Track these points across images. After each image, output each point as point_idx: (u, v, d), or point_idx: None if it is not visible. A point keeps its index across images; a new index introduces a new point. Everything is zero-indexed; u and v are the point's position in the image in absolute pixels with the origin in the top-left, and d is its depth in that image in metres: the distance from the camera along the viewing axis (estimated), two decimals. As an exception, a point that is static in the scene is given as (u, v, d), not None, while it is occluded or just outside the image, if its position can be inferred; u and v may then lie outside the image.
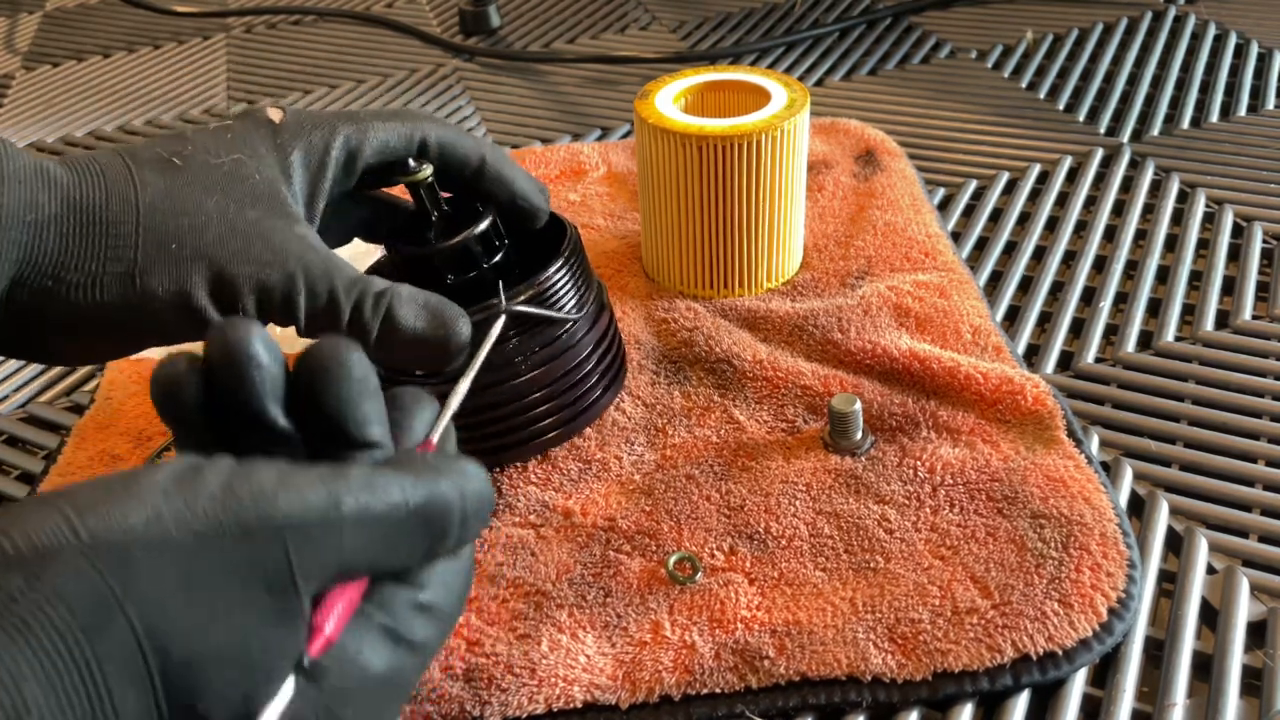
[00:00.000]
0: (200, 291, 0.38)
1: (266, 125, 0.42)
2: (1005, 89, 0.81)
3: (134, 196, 0.38)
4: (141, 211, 0.38)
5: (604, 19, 1.00)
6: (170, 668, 0.25)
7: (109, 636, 0.24)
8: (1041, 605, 0.40)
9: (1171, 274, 0.59)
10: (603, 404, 0.49)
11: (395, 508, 0.28)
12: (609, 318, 0.50)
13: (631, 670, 0.39)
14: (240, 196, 0.40)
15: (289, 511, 0.26)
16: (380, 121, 0.43)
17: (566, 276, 0.46)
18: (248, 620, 0.26)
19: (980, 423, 0.48)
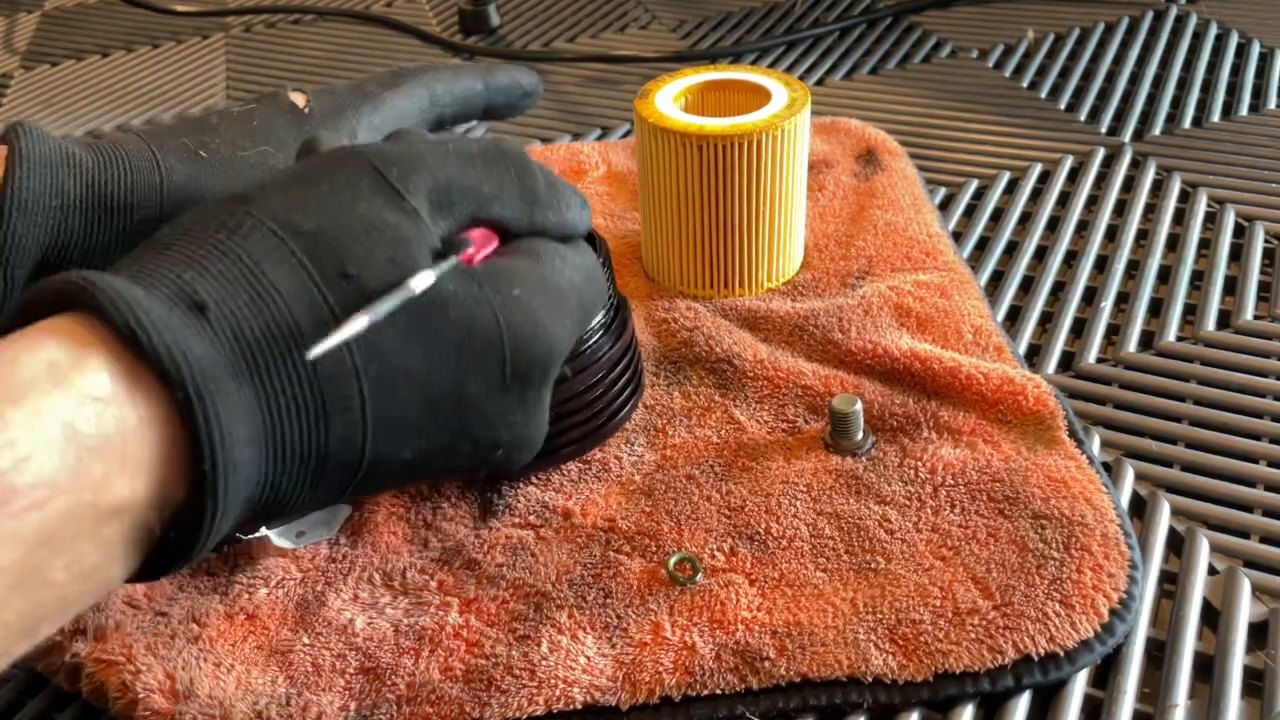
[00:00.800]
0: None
1: (291, 113, 0.43)
2: (1006, 88, 0.81)
3: (159, 182, 0.39)
4: (166, 197, 0.39)
5: (604, 18, 0.99)
6: (305, 242, 0.30)
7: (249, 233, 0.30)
8: (1043, 606, 0.40)
9: (1173, 274, 0.59)
10: (622, 418, 0.49)
11: (464, 143, 0.34)
12: (630, 335, 0.49)
13: (631, 671, 0.39)
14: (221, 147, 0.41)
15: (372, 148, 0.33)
16: (392, 91, 0.44)
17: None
18: (359, 208, 0.31)
19: (981, 423, 0.48)
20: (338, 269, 0.30)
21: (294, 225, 0.30)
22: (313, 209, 0.31)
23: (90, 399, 0.26)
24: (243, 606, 0.43)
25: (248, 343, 0.29)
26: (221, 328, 0.29)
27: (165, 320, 0.27)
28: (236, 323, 0.29)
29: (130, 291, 0.27)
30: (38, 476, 0.24)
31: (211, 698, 0.40)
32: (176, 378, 0.27)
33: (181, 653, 0.41)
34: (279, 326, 0.29)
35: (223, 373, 0.28)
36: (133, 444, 0.26)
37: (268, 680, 0.40)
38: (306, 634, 0.42)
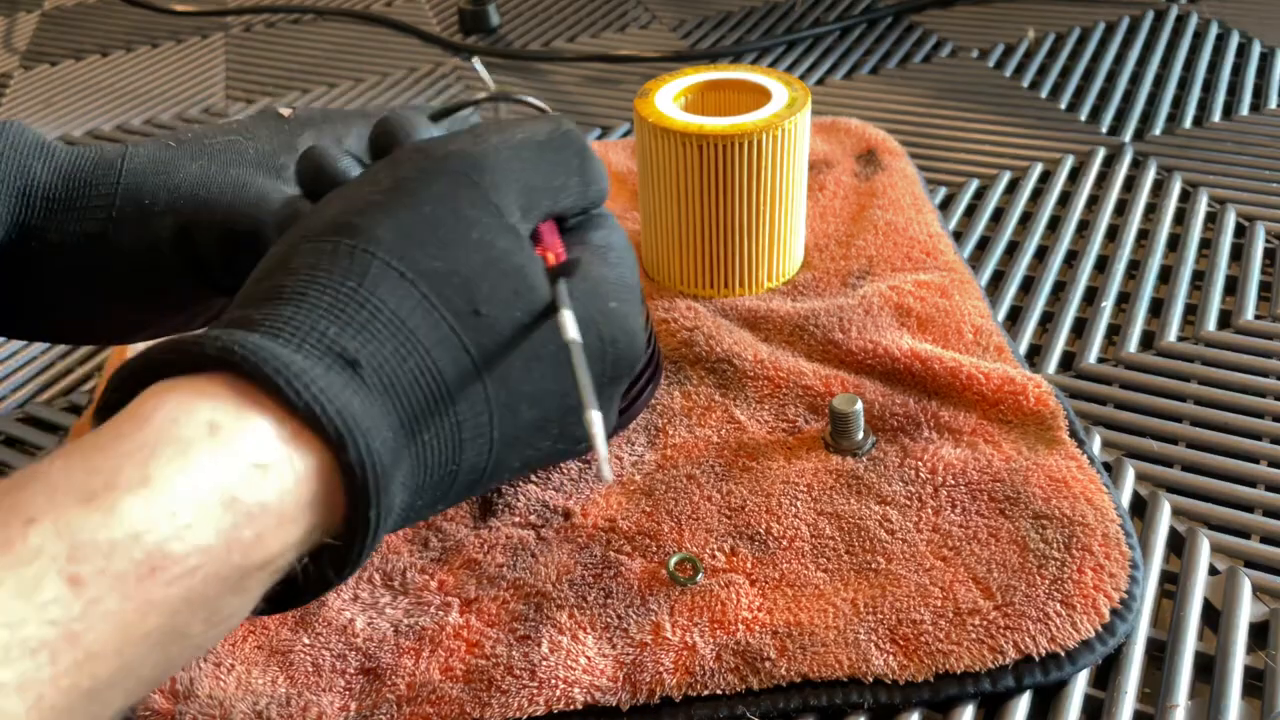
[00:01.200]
0: (164, 242, 0.39)
1: (275, 118, 0.43)
2: (1007, 88, 0.81)
3: (120, 164, 0.40)
4: (123, 175, 0.40)
5: (604, 18, 0.99)
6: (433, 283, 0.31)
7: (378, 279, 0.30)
8: (1044, 606, 0.40)
9: (1174, 274, 0.59)
10: (640, 405, 0.49)
11: (532, 134, 0.36)
12: (650, 331, 0.49)
13: (632, 672, 0.39)
14: (226, 161, 0.41)
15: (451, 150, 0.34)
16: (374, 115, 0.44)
17: None
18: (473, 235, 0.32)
19: (982, 423, 0.48)
20: (469, 309, 0.31)
21: (418, 265, 0.31)
22: (429, 241, 0.32)
23: (253, 466, 0.26)
24: (243, 607, 0.43)
25: (399, 394, 0.30)
26: (374, 383, 0.29)
27: (325, 383, 0.28)
28: (387, 376, 0.30)
29: (284, 355, 0.28)
30: (194, 545, 0.25)
31: (211, 698, 0.39)
32: (344, 441, 0.27)
33: (181, 653, 0.41)
34: (426, 376, 0.30)
35: (381, 426, 0.29)
36: (289, 505, 0.27)
37: (268, 680, 0.40)
38: (306, 634, 0.42)
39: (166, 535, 0.24)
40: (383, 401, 0.29)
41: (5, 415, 0.58)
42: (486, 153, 0.34)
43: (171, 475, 0.25)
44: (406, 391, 0.30)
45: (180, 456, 0.25)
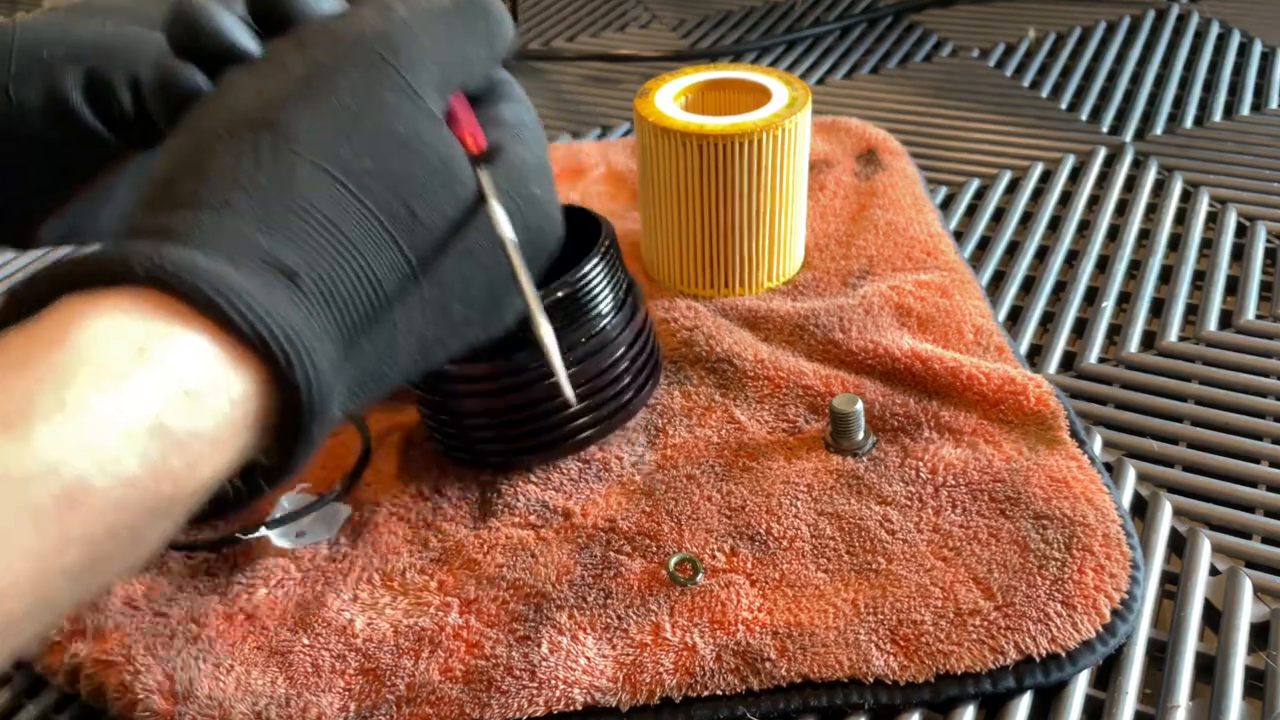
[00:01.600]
0: (74, 92, 0.38)
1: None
2: (1007, 88, 0.81)
3: (12, 28, 0.39)
4: (16, 35, 0.39)
5: (604, 17, 0.99)
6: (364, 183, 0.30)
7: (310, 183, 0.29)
8: (1044, 606, 0.40)
9: (1174, 274, 0.59)
10: (638, 403, 0.49)
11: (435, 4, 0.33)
12: (644, 316, 0.49)
13: (632, 672, 0.39)
14: (121, 19, 0.40)
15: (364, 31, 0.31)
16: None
17: (603, 272, 0.46)
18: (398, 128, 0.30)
19: (982, 423, 0.48)
20: (404, 210, 0.30)
21: (347, 165, 0.30)
22: (355, 137, 0.30)
23: (184, 392, 0.24)
24: (242, 607, 0.43)
25: (339, 306, 0.28)
26: (314, 295, 0.28)
27: (267, 300, 0.26)
28: (327, 287, 0.28)
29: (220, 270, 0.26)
30: (117, 478, 0.23)
31: (211, 698, 0.39)
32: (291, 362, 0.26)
33: (181, 653, 0.41)
34: (366, 285, 0.29)
35: (324, 341, 0.28)
36: (224, 430, 0.26)
37: (267, 681, 0.40)
38: (306, 634, 0.42)
39: (86, 468, 0.22)
40: (324, 314, 0.28)
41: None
42: (397, 28, 0.32)
43: (93, 402, 0.23)
44: (347, 302, 0.28)
45: (103, 381, 0.23)
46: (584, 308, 0.45)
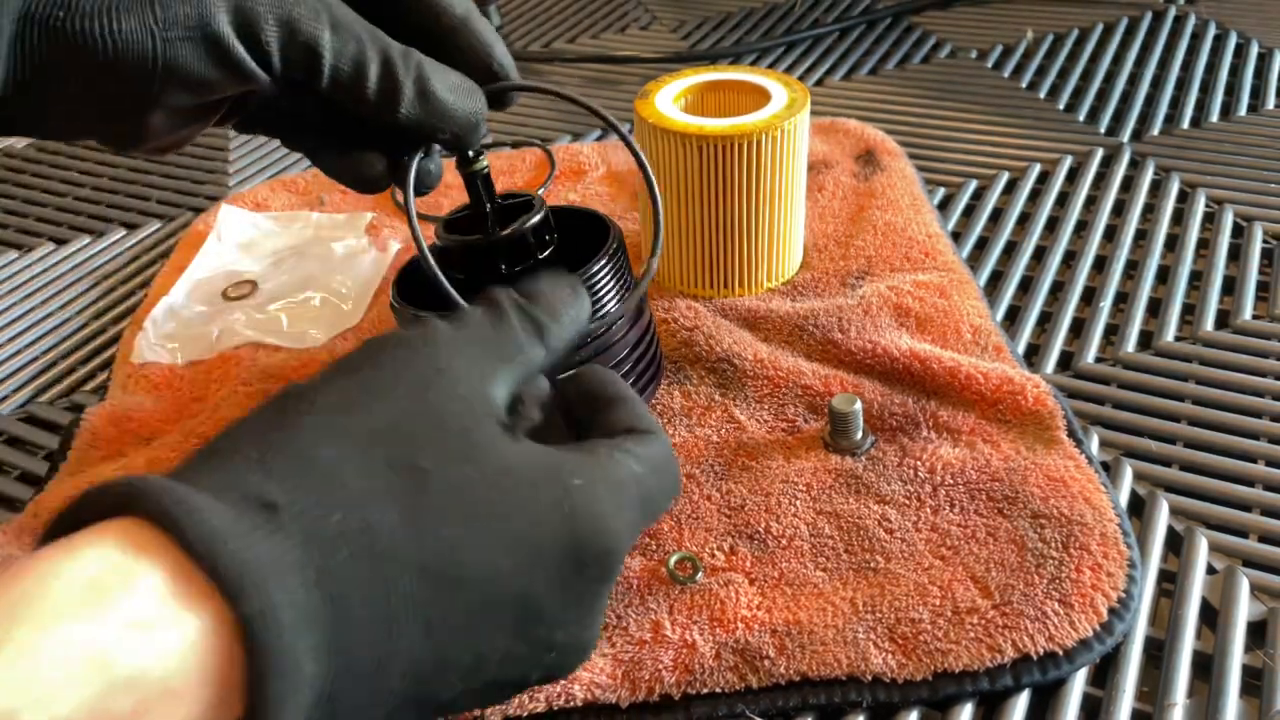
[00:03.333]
0: (222, 18, 0.35)
1: None
2: (1005, 89, 0.81)
3: None
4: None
5: (604, 19, 1.00)
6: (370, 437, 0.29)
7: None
8: (1042, 605, 0.40)
9: (1171, 274, 0.59)
10: (645, 399, 0.49)
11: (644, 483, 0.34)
12: (649, 319, 0.49)
13: (631, 669, 0.39)
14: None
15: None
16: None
17: (610, 272, 0.46)
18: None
19: (980, 423, 0.48)
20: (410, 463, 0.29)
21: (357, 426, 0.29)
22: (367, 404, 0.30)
23: (129, 625, 0.23)
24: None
25: (320, 541, 0.26)
26: (292, 528, 0.26)
27: (229, 523, 0.25)
28: (309, 522, 0.26)
29: (183, 491, 0.25)
30: (52, 716, 0.22)
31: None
32: (241, 589, 0.24)
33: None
34: (353, 524, 0.27)
35: (291, 579, 0.25)
36: (176, 673, 0.23)
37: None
38: (307, 633, 0.42)
39: (17, 707, 0.21)
40: (301, 552, 0.26)
41: (5, 415, 0.58)
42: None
43: (33, 639, 0.22)
44: (329, 542, 0.26)
45: (47, 616, 0.22)
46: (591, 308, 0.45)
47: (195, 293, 0.63)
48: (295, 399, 0.29)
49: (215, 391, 0.55)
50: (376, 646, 0.27)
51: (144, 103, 0.35)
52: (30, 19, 0.34)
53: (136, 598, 0.23)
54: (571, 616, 0.31)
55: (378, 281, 0.63)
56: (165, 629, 0.23)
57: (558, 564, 0.30)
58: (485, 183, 0.45)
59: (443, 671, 0.28)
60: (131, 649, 0.23)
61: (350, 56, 0.37)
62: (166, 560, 0.24)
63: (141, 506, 0.25)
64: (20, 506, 0.50)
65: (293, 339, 0.59)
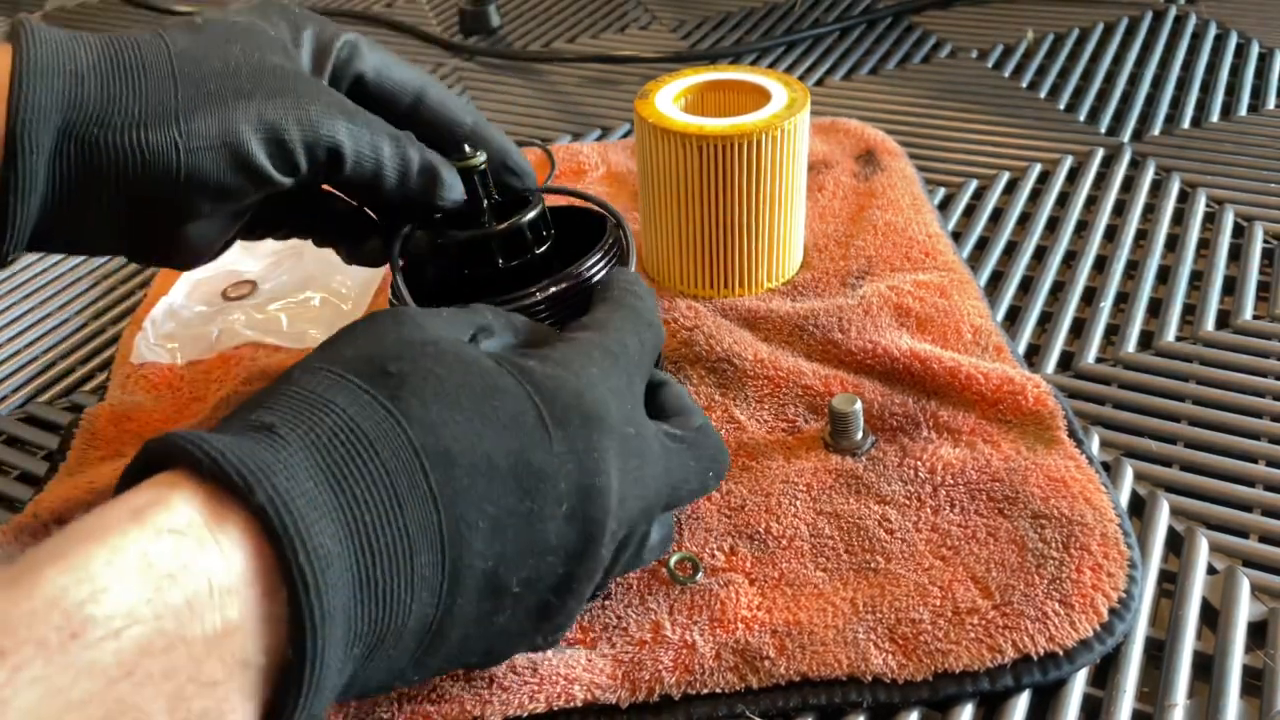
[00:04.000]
0: (246, 130, 0.38)
1: (280, 3, 0.44)
2: (1006, 89, 0.81)
3: (165, 48, 0.39)
4: (174, 57, 0.39)
5: (604, 18, 0.99)
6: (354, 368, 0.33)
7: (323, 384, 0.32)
8: (1042, 605, 0.40)
9: (1172, 274, 0.59)
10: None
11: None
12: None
13: (631, 670, 0.39)
14: (260, 46, 0.41)
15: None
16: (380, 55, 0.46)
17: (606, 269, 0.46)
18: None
19: (981, 423, 0.48)
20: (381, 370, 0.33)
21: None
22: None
23: (168, 532, 0.26)
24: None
25: (317, 446, 0.30)
26: (291, 438, 0.29)
27: (234, 443, 0.28)
28: (304, 432, 0.30)
29: (199, 434, 0.29)
30: (113, 607, 0.25)
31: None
32: (248, 483, 0.27)
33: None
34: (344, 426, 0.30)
35: (297, 473, 0.29)
36: (219, 571, 0.27)
37: (268, 679, 0.40)
38: (307, 633, 0.42)
39: (82, 599, 0.24)
40: (301, 453, 0.29)
41: (5, 415, 0.58)
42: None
43: (88, 548, 0.25)
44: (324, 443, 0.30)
45: (100, 534, 0.26)
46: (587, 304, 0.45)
47: (195, 293, 0.63)
48: (287, 370, 0.34)
49: (215, 391, 0.55)
50: (390, 521, 0.30)
51: (173, 211, 0.39)
52: (68, 134, 0.37)
53: (171, 513, 0.27)
54: (571, 466, 0.34)
55: (377, 281, 0.63)
56: (197, 533, 0.27)
57: (534, 424, 0.33)
58: (482, 178, 0.45)
59: (462, 536, 0.31)
60: (169, 550, 0.26)
61: (368, 144, 0.41)
62: (192, 488, 0.28)
63: (167, 457, 0.28)
64: (20, 506, 0.50)
65: (292, 339, 0.59)
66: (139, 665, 0.25)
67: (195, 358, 0.58)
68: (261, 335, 0.59)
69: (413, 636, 0.31)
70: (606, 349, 0.38)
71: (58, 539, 0.26)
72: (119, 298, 0.67)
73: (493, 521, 0.32)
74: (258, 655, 0.27)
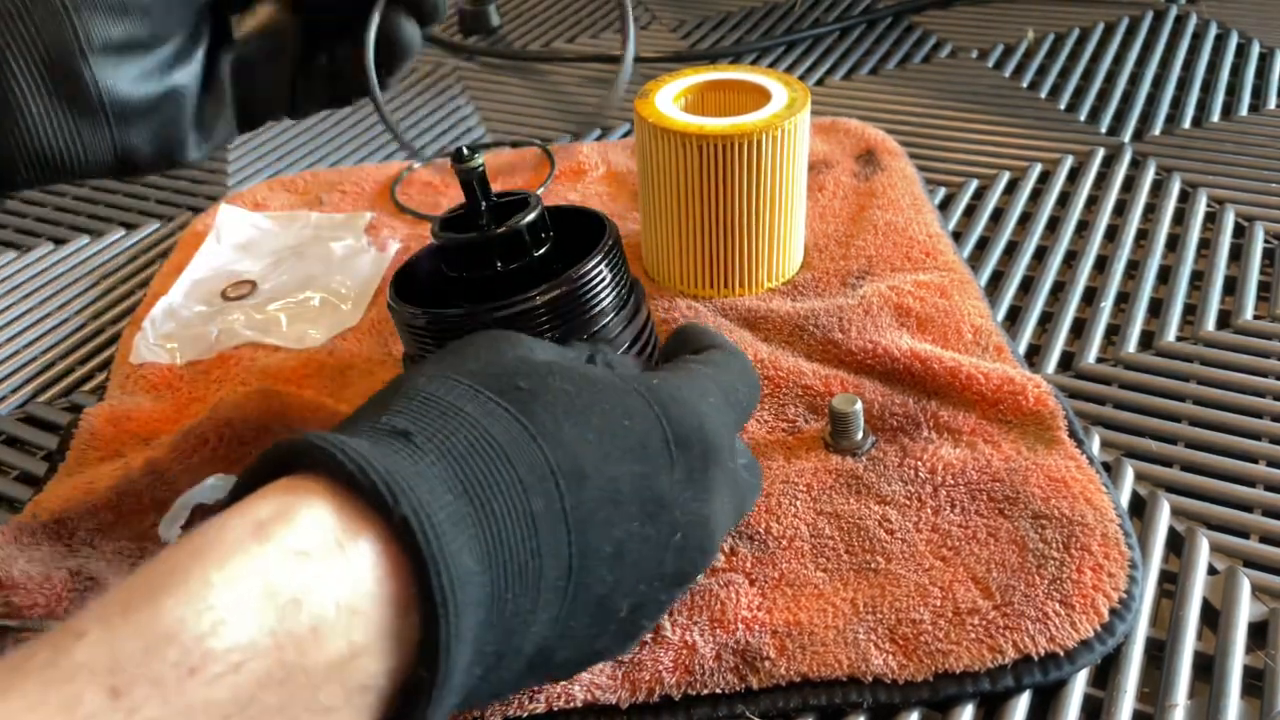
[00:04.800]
0: None
1: None
2: (1006, 88, 0.81)
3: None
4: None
5: (604, 18, 0.99)
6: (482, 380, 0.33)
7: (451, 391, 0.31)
8: (1043, 606, 0.40)
9: (1173, 274, 0.59)
10: None
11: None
12: (646, 317, 0.49)
13: (631, 670, 0.39)
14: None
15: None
16: None
17: (606, 270, 0.46)
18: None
19: (981, 423, 0.48)
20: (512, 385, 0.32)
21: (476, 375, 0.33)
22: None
23: (293, 554, 0.25)
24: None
25: (455, 456, 0.29)
26: (427, 448, 0.28)
27: (374, 450, 0.27)
28: (440, 441, 0.29)
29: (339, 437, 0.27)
30: (234, 640, 0.23)
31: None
32: (393, 494, 0.26)
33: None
34: (480, 438, 0.29)
35: (437, 486, 0.27)
36: (346, 592, 0.25)
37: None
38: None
39: (202, 632, 0.23)
40: (438, 464, 0.28)
41: (5, 415, 0.58)
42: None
43: (206, 572, 0.24)
44: (462, 454, 0.29)
45: (220, 555, 0.24)
46: (585, 306, 0.45)
47: (194, 293, 0.63)
48: (401, 377, 0.33)
49: (214, 391, 0.55)
50: (525, 541, 0.29)
51: None
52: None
53: (297, 530, 0.25)
54: (688, 495, 0.33)
55: (377, 281, 0.63)
56: (327, 552, 0.25)
57: (659, 448, 0.33)
58: (481, 181, 0.45)
59: (588, 561, 0.30)
60: (293, 573, 0.25)
61: None
62: (324, 496, 0.26)
63: (296, 459, 0.27)
64: (19, 507, 0.50)
65: (292, 339, 0.59)
66: (255, 699, 0.23)
67: (195, 358, 0.58)
68: (261, 335, 0.59)
69: (526, 658, 0.30)
70: (720, 386, 0.38)
71: (174, 554, 0.25)
72: (118, 298, 0.67)
73: (616, 546, 0.31)
74: (379, 679, 0.26)
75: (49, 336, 0.64)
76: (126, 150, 0.39)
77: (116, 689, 0.22)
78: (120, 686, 0.22)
